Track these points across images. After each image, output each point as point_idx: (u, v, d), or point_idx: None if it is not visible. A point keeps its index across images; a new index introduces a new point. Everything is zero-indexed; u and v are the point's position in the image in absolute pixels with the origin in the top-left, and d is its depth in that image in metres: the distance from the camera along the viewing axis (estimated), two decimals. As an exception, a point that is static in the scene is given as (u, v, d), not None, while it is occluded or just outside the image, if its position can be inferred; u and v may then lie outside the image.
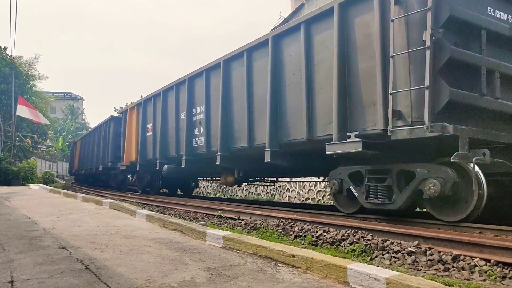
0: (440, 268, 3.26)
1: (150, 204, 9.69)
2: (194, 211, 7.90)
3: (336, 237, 4.43)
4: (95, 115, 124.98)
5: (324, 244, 4.37)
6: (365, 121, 5.07)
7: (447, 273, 3.18)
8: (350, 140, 5.07)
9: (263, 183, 11.40)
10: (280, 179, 12.35)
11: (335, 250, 4.13)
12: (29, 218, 6.18)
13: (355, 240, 4.21)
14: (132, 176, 15.08)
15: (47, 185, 19.71)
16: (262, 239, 4.26)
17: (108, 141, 16.53)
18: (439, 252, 3.57)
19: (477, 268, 3.17)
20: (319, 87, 5.77)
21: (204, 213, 7.57)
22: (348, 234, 4.41)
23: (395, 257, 3.66)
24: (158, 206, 9.19)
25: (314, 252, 3.36)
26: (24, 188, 17.13)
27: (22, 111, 21.05)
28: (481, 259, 3.32)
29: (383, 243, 3.95)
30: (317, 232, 4.74)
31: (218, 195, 18.47)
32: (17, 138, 23.50)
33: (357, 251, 3.94)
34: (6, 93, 24.06)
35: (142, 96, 15.33)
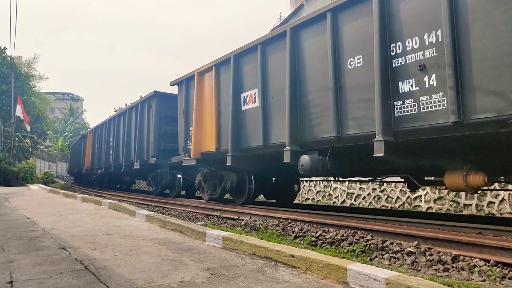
0: (439, 269, 3.26)
1: (149, 205, 9.69)
2: (194, 212, 7.90)
3: (335, 237, 4.42)
4: (95, 115, 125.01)
5: (323, 245, 4.36)
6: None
7: (446, 273, 3.18)
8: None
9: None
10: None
11: (334, 250, 4.13)
12: (28, 218, 6.17)
13: (354, 240, 4.20)
14: (187, 176, 10.81)
15: (46, 185, 19.70)
16: (261, 239, 4.26)
17: (148, 128, 11.68)
18: (439, 252, 3.57)
19: (476, 269, 3.17)
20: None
21: (203, 213, 7.56)
22: (347, 234, 4.41)
23: (394, 257, 3.66)
24: (158, 207, 9.18)
25: (313, 252, 3.36)
26: (24, 188, 17.13)
27: (20, 111, 21.11)
28: (480, 259, 3.32)
29: (382, 244, 3.95)
30: (316, 232, 4.74)
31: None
32: (16, 139, 23.49)
33: (356, 252, 3.94)
34: (6, 93, 24.05)
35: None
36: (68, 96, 61.80)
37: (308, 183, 13.57)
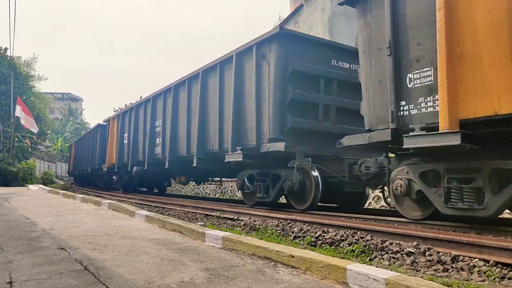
0: (439, 269, 3.27)
1: (149, 205, 9.69)
2: (193, 212, 7.90)
3: (335, 237, 4.42)
4: (94, 115, 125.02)
5: (323, 245, 4.36)
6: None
7: (446, 273, 3.18)
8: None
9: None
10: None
11: (334, 250, 4.13)
12: (28, 218, 6.17)
13: (354, 240, 4.20)
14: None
15: (46, 185, 19.70)
16: (261, 239, 4.26)
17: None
18: (438, 252, 3.57)
19: (476, 269, 3.17)
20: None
21: (203, 213, 7.56)
22: (347, 234, 4.41)
23: (394, 257, 3.66)
24: (157, 207, 9.18)
25: (313, 252, 3.36)
26: (23, 188, 17.12)
27: (19, 112, 21.08)
28: (480, 259, 3.32)
29: (382, 244, 3.95)
30: (316, 232, 4.74)
31: (217, 195, 18.46)
32: (16, 139, 23.47)
33: (356, 252, 3.94)
34: (5, 93, 24.04)
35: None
36: (67, 96, 61.82)
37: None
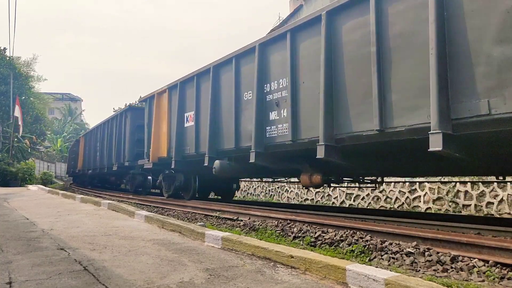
0: (438, 269, 3.27)
1: (148, 205, 9.68)
2: (193, 212, 7.89)
3: (334, 237, 4.42)
4: (94, 116, 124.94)
5: (322, 245, 4.36)
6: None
7: (445, 273, 3.18)
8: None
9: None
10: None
11: (333, 251, 4.13)
12: (27, 219, 6.17)
13: (353, 240, 4.21)
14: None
15: (45, 186, 19.67)
16: (260, 240, 4.26)
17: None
18: (438, 252, 3.57)
19: (475, 269, 3.17)
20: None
21: (203, 214, 7.56)
22: (346, 234, 4.41)
23: (393, 258, 3.66)
24: (157, 207, 9.17)
25: (312, 253, 3.36)
26: (23, 189, 17.10)
27: (18, 112, 21.09)
28: (479, 259, 3.32)
29: (381, 244, 3.96)
30: (315, 233, 4.74)
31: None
32: (15, 139, 23.45)
33: (355, 252, 3.94)
34: (5, 94, 24.02)
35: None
36: (67, 96, 61.75)
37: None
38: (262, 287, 2.66)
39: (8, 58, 25.54)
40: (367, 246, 3.97)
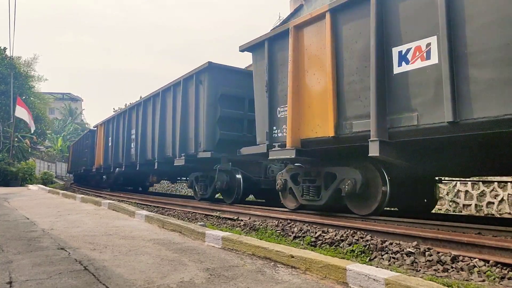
0: (439, 269, 3.27)
1: (149, 205, 9.69)
2: (193, 212, 7.89)
3: (335, 237, 4.43)
4: (94, 115, 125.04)
5: (323, 245, 4.36)
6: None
7: (446, 273, 3.18)
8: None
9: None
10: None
11: (334, 250, 4.13)
12: (27, 219, 6.17)
13: (354, 240, 4.21)
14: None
15: (45, 185, 19.68)
16: (261, 239, 4.26)
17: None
18: (438, 252, 3.57)
19: (476, 269, 3.17)
20: None
21: (203, 213, 7.56)
22: (347, 234, 4.41)
23: (394, 257, 3.66)
24: (157, 207, 9.18)
25: (313, 252, 3.36)
26: (23, 188, 17.11)
27: (20, 112, 21.06)
28: (480, 259, 3.32)
29: (382, 244, 3.96)
30: (316, 232, 4.74)
31: (216, 196, 18.41)
32: (15, 139, 23.46)
33: (356, 252, 3.94)
34: (5, 93, 24.02)
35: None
36: (67, 96, 61.79)
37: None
38: (262, 287, 2.66)
39: (8, 58, 25.54)
40: (368, 246, 3.97)
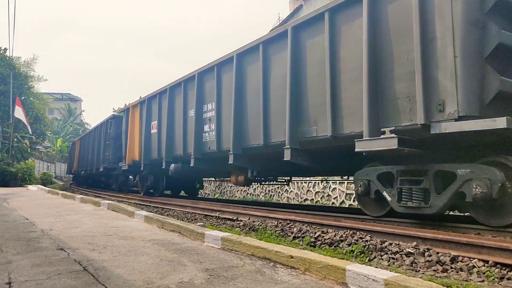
0: (438, 269, 3.27)
1: (148, 205, 9.68)
2: (193, 212, 7.89)
3: (334, 238, 4.43)
4: (94, 116, 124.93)
5: (322, 245, 4.36)
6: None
7: (445, 274, 3.18)
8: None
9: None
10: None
11: (333, 251, 4.13)
12: (27, 219, 6.16)
13: (353, 241, 4.21)
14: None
15: (45, 186, 19.66)
16: (260, 240, 4.26)
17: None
18: (438, 253, 3.57)
19: (475, 269, 3.17)
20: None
21: (202, 214, 7.56)
22: (346, 235, 4.41)
23: (393, 258, 3.66)
24: (157, 207, 9.17)
25: (312, 253, 3.36)
26: (22, 189, 17.09)
27: (19, 112, 21.05)
28: (479, 260, 3.32)
29: (381, 244, 3.96)
30: (315, 233, 4.74)
31: (216, 196, 18.46)
32: (15, 139, 23.43)
33: (355, 252, 3.94)
34: (4, 93, 24.00)
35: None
36: (66, 96, 61.73)
37: (307, 184, 13.58)
38: (262, 287, 2.66)
39: (8, 58, 25.52)
40: (367, 246, 3.97)
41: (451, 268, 3.28)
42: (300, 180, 13.73)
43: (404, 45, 4.58)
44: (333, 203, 12.42)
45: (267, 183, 10.57)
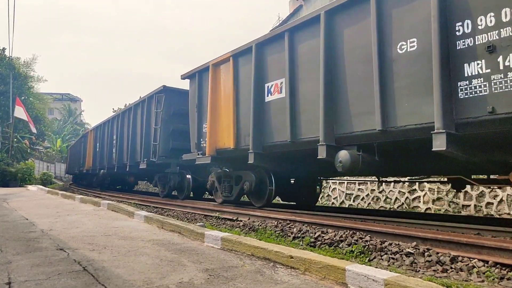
0: (438, 269, 3.27)
1: (148, 206, 9.67)
2: (193, 212, 7.88)
3: (334, 238, 4.42)
4: (94, 116, 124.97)
5: (322, 245, 4.36)
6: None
7: (445, 274, 3.18)
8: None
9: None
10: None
11: (333, 251, 4.13)
12: (26, 219, 6.16)
13: (353, 241, 4.20)
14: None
15: (45, 186, 19.66)
16: (260, 240, 4.26)
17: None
18: (437, 253, 3.57)
19: (475, 269, 3.17)
20: None
21: (202, 214, 7.55)
22: (346, 235, 4.41)
23: (393, 258, 3.66)
24: (156, 208, 9.17)
25: (312, 253, 3.36)
26: (22, 189, 17.09)
27: (19, 112, 21.05)
28: (479, 260, 3.32)
29: (381, 244, 3.95)
30: (315, 233, 4.73)
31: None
32: (15, 139, 23.43)
33: (355, 252, 3.94)
34: (4, 94, 23.99)
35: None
36: (66, 96, 61.72)
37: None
38: (261, 287, 2.66)
39: (7, 58, 25.51)
40: (367, 247, 3.97)
41: (451, 268, 3.28)
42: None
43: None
44: (333, 203, 12.41)
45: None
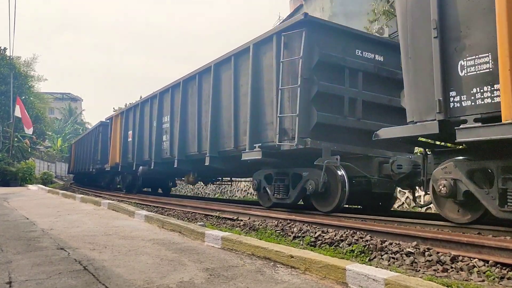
0: (438, 269, 3.26)
1: (148, 205, 9.68)
2: (193, 212, 7.89)
3: (334, 237, 4.42)
4: (94, 115, 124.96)
5: (322, 245, 4.36)
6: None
7: (445, 273, 3.18)
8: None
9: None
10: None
11: (333, 250, 4.13)
12: (27, 219, 6.17)
13: (353, 240, 4.20)
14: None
15: (45, 185, 19.68)
16: (260, 239, 4.26)
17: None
18: (438, 252, 3.57)
19: (475, 269, 3.17)
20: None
21: (203, 213, 7.55)
22: (346, 234, 4.41)
23: (393, 257, 3.66)
24: (157, 207, 9.17)
25: (312, 253, 3.36)
26: (23, 188, 17.11)
27: (18, 111, 21.07)
28: (479, 259, 3.32)
29: (381, 244, 3.95)
30: (315, 232, 4.73)
31: (217, 195, 18.46)
32: (15, 139, 23.45)
33: (355, 252, 3.94)
34: (4, 93, 24.00)
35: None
36: (67, 96, 61.77)
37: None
38: (262, 287, 2.66)
39: (8, 58, 25.51)
40: (367, 246, 3.97)
41: (451, 267, 3.28)
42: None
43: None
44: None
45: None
